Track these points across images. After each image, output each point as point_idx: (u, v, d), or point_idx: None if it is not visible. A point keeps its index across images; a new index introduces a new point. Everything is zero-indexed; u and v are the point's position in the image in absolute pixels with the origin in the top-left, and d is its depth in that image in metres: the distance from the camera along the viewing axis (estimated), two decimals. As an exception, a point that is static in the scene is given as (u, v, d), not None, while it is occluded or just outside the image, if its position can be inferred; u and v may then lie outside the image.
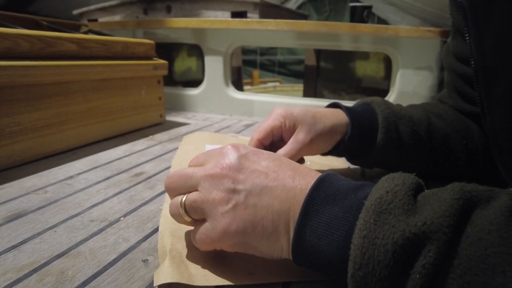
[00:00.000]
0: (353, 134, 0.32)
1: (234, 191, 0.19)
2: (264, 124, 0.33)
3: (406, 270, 0.15)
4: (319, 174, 0.20)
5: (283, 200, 0.19)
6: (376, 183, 0.18)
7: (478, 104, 0.30)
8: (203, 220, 0.21)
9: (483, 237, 0.14)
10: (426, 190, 0.18)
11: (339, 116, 0.33)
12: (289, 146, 0.31)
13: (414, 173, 0.18)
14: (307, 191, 0.18)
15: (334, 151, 0.34)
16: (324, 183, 0.19)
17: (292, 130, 0.32)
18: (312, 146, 0.32)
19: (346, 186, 0.19)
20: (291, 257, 0.19)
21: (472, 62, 0.29)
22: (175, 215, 0.22)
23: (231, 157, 0.21)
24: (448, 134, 0.35)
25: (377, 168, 0.38)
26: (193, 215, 0.21)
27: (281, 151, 0.32)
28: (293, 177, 0.20)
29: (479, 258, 0.14)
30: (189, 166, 0.23)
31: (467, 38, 0.29)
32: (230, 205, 0.19)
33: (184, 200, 0.21)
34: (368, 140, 0.33)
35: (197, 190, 0.21)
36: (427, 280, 0.14)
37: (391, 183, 0.17)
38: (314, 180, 0.19)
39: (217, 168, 0.20)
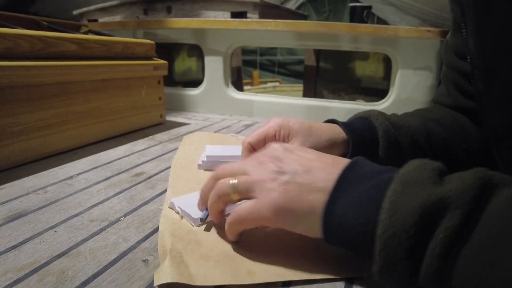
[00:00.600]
0: (354, 151, 0.32)
1: (280, 172, 0.22)
2: (259, 130, 0.33)
3: (431, 231, 0.16)
4: None
5: (323, 180, 0.21)
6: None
7: (476, 101, 0.30)
8: (248, 199, 0.22)
9: (504, 209, 0.16)
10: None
11: (336, 131, 0.33)
12: None
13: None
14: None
15: None
16: (356, 165, 0.21)
17: (285, 140, 0.32)
18: None
19: (375, 169, 0.21)
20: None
21: (469, 58, 0.29)
22: (221, 195, 0.23)
23: (276, 149, 0.24)
24: (447, 140, 0.35)
25: None
26: (242, 195, 0.23)
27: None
28: (333, 162, 0.22)
29: (500, 226, 0.15)
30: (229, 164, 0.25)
31: (464, 33, 0.30)
32: (277, 182, 0.21)
33: (235, 181, 0.23)
34: (369, 155, 0.32)
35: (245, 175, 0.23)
36: (449, 241, 0.16)
37: (418, 163, 0.19)
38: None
39: (264, 157, 0.23)
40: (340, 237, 0.20)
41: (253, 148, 0.33)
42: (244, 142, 0.33)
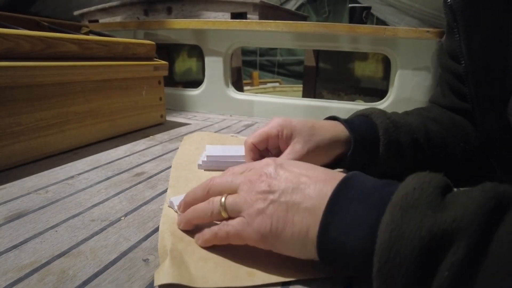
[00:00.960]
0: (355, 149, 0.32)
1: (269, 192, 0.21)
2: (261, 130, 0.33)
3: (434, 267, 0.15)
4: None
5: (313, 197, 0.20)
6: (401, 182, 0.18)
7: (469, 102, 0.31)
8: (236, 218, 0.22)
9: None
10: (455, 190, 0.18)
11: (338, 129, 0.33)
12: (286, 156, 0.31)
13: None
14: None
15: (335, 166, 0.34)
16: (350, 182, 0.20)
17: (288, 140, 0.32)
18: (308, 157, 0.31)
19: (371, 185, 0.19)
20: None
21: (463, 62, 0.30)
22: (210, 213, 0.23)
23: (269, 167, 0.23)
24: (446, 139, 0.35)
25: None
26: (230, 213, 0.23)
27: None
28: (325, 178, 0.21)
29: (509, 260, 0.14)
30: (226, 174, 0.25)
31: (457, 36, 0.30)
32: (265, 203, 0.21)
33: (225, 200, 0.23)
34: (370, 153, 0.33)
35: (236, 193, 0.23)
36: (455, 278, 0.14)
37: (418, 181, 0.17)
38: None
39: (256, 175, 0.22)
40: (337, 261, 0.19)
41: (256, 148, 0.33)
42: (247, 142, 0.33)
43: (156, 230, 0.26)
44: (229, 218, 0.23)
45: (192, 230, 0.25)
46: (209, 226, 0.24)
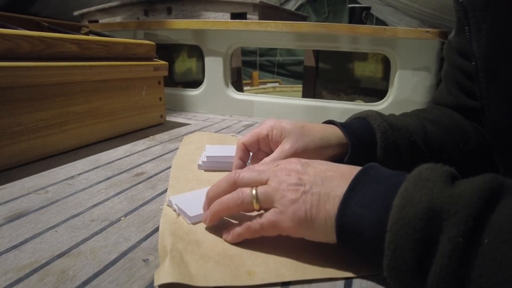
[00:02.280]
0: (353, 152, 0.32)
1: (300, 184, 0.22)
2: (252, 131, 0.34)
3: (440, 227, 0.17)
4: None
5: (342, 186, 0.21)
6: None
7: (479, 101, 0.31)
8: (268, 208, 0.23)
9: None
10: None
11: (330, 130, 0.33)
12: (274, 155, 0.31)
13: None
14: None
15: None
16: (369, 169, 0.22)
17: (278, 140, 0.32)
18: (297, 157, 0.31)
19: (389, 172, 0.22)
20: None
21: (473, 61, 0.30)
22: (245, 202, 0.24)
23: (296, 164, 0.24)
24: (444, 140, 0.35)
25: None
26: (262, 203, 0.23)
27: (267, 159, 0.32)
28: (349, 172, 0.23)
29: (508, 228, 0.15)
30: (251, 169, 0.25)
31: (468, 34, 0.30)
32: (298, 194, 0.22)
33: (256, 191, 0.23)
34: (368, 156, 0.33)
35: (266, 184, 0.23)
36: (460, 241, 0.16)
37: (430, 165, 0.20)
38: None
39: (284, 170, 0.24)
40: (353, 238, 0.20)
41: (246, 149, 0.34)
42: (238, 142, 0.34)
43: (156, 230, 0.26)
44: (260, 209, 0.23)
45: (194, 230, 0.25)
46: (237, 221, 0.25)
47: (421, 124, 0.35)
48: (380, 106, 0.69)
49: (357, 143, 0.32)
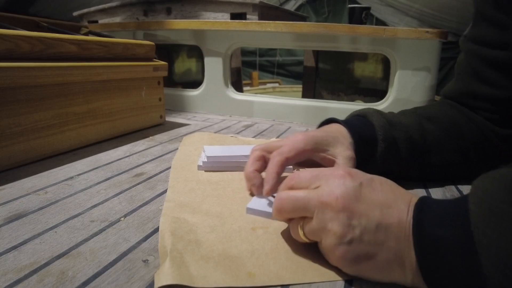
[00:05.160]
0: (356, 149, 0.32)
1: (349, 226, 0.20)
2: (292, 145, 0.30)
3: None
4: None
5: (398, 238, 0.19)
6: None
7: (498, 89, 0.31)
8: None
9: None
10: None
11: (339, 130, 0.33)
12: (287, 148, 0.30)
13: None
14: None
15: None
16: (425, 204, 0.19)
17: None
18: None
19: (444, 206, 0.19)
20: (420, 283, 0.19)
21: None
22: (295, 235, 0.23)
23: (347, 186, 0.20)
24: (441, 137, 0.35)
25: None
26: (311, 238, 0.22)
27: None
28: (407, 211, 0.19)
29: None
30: (291, 184, 0.23)
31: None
32: (345, 240, 0.19)
33: (303, 229, 0.22)
34: (368, 151, 0.33)
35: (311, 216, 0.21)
36: None
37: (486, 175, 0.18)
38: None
39: (332, 197, 0.20)
40: (439, 259, 0.18)
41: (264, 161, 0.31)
42: (280, 158, 0.29)
43: (156, 230, 0.26)
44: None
45: (194, 230, 0.25)
46: None
47: (418, 120, 0.36)
48: (380, 106, 0.69)
49: (359, 140, 0.33)
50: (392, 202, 0.20)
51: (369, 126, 0.34)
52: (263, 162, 0.31)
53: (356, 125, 0.34)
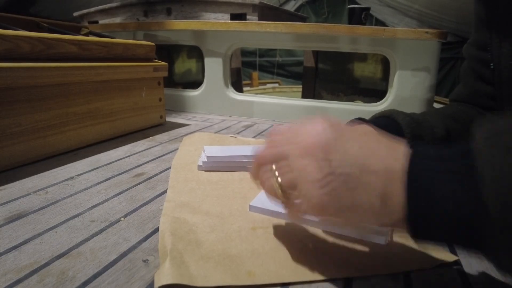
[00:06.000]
0: None
1: (327, 168, 0.19)
2: None
3: None
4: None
5: (383, 180, 0.18)
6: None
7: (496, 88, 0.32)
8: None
9: None
10: None
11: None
12: None
13: None
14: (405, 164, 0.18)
15: None
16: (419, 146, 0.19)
17: None
18: None
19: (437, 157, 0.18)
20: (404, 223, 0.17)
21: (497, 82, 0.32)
22: (269, 189, 0.22)
23: (326, 133, 0.20)
24: (462, 133, 0.37)
25: None
26: (287, 187, 0.21)
27: None
28: (394, 156, 0.19)
29: None
30: (273, 138, 0.22)
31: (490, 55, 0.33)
32: (323, 182, 0.18)
33: (278, 180, 0.21)
34: None
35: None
36: None
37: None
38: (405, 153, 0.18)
39: (312, 142, 0.20)
40: (432, 207, 0.16)
41: None
42: None
43: (156, 230, 0.26)
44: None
45: (194, 229, 0.25)
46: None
47: (442, 119, 0.37)
48: (379, 107, 0.69)
49: None
50: (376, 149, 0.19)
51: (395, 126, 0.34)
52: None
53: (383, 125, 0.34)
